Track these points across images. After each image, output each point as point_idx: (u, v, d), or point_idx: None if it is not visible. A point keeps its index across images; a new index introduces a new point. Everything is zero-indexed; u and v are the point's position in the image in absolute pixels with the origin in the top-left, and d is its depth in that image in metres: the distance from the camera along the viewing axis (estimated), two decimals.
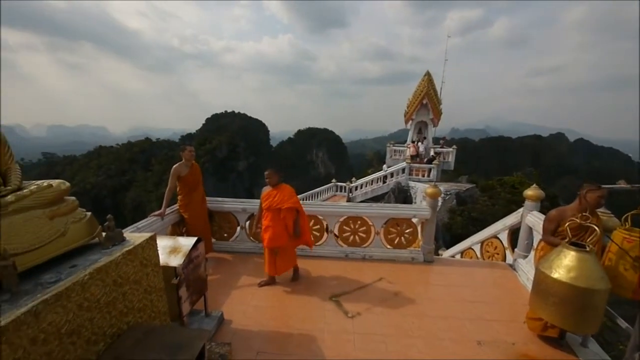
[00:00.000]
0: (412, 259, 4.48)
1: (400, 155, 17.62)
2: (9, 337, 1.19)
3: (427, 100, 16.47)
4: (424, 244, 4.51)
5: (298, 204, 3.55)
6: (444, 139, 18.49)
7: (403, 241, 4.57)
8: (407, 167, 14.09)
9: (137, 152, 68.12)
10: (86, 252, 1.79)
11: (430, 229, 4.46)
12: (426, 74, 16.77)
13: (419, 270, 4.27)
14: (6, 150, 1.57)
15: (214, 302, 3.21)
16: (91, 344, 1.58)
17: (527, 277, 3.81)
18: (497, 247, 5.01)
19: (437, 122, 17.57)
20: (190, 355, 1.61)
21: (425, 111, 17.00)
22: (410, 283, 3.88)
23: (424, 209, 4.39)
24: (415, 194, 13.17)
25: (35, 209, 1.55)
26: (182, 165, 4.00)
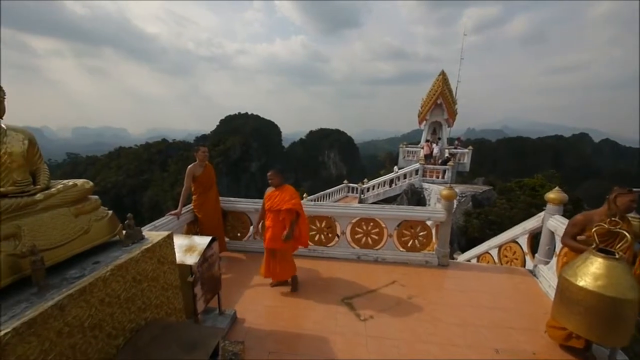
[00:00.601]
0: (426, 262, 4.39)
1: (414, 156, 17.33)
2: (37, 329, 1.25)
3: (441, 100, 16.13)
4: (438, 247, 4.41)
5: (298, 205, 3.46)
6: (459, 140, 18.06)
7: (417, 244, 4.48)
8: (420, 168, 13.83)
9: (155, 152, 70.42)
10: (108, 249, 1.85)
11: (445, 232, 4.35)
12: (441, 74, 16.43)
13: (433, 274, 4.17)
14: (35, 151, 1.66)
15: (227, 301, 3.25)
16: (112, 338, 1.64)
17: (549, 284, 3.64)
18: (516, 252, 4.82)
19: (452, 122, 17.17)
20: (205, 353, 1.64)
21: (440, 111, 16.65)
22: (424, 287, 3.79)
23: (439, 212, 4.29)
24: (429, 196, 12.90)
25: (62, 207, 1.63)
26: (196, 165, 4.09)
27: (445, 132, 17.30)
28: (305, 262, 4.37)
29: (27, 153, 1.58)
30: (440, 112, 16.66)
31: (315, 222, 4.61)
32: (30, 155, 1.61)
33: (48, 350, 1.30)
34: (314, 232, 4.64)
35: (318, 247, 4.62)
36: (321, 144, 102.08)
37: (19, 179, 1.54)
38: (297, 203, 3.47)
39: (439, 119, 17.02)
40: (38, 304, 1.31)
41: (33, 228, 1.47)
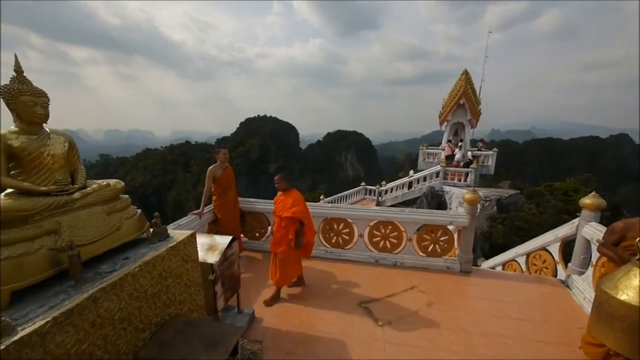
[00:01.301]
0: (448, 268, 4.23)
1: (434, 158, 16.83)
2: (73, 320, 1.34)
3: (464, 101, 15.56)
4: (460, 253, 4.24)
5: (299, 213, 3.28)
6: (482, 141, 17.33)
7: (438, 249, 4.33)
8: (441, 170, 13.40)
9: (179, 154, 73.61)
10: (136, 246, 1.95)
11: (468, 238, 4.17)
12: (463, 73, 15.87)
13: (455, 280, 4.02)
14: (74, 153, 1.78)
15: (245, 300, 3.31)
16: (139, 331, 1.72)
17: (584, 297, 3.39)
18: (547, 260, 4.53)
19: (475, 123, 16.50)
20: (226, 351, 1.67)
21: (462, 112, 16.07)
22: (445, 294, 3.66)
23: (462, 216, 4.13)
24: (451, 200, 12.46)
25: (96, 205, 1.73)
26: (216, 167, 4.21)
27: (468, 133, 16.66)
28: (322, 264, 4.37)
29: (67, 155, 1.70)
30: (463, 112, 16.07)
31: (332, 224, 4.59)
32: (70, 156, 1.73)
33: (82, 339, 1.38)
34: (331, 234, 4.63)
35: (335, 249, 4.60)
36: (338, 145, 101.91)
37: (60, 178, 1.66)
38: (299, 211, 3.30)
39: (461, 119, 16.43)
40: (75, 296, 1.40)
41: (71, 224, 1.58)
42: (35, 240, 1.44)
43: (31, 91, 1.53)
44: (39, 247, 1.44)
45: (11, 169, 1.56)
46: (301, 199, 3.46)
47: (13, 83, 1.51)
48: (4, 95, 1.50)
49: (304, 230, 3.36)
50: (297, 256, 3.54)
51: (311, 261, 4.45)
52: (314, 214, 4.57)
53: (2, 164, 1.47)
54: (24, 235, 1.41)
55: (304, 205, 3.42)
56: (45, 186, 1.56)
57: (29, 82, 1.55)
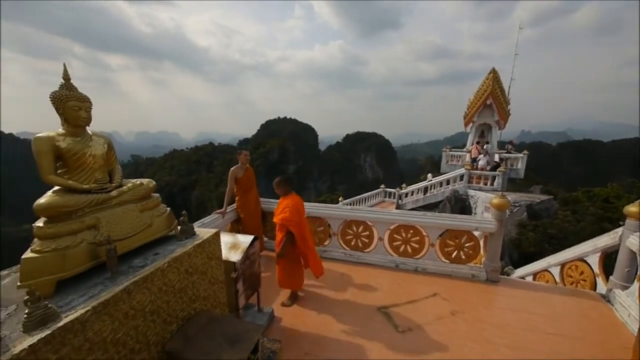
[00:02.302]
0: (473, 276, 4.04)
1: (458, 160, 16.18)
2: (109, 310, 1.43)
3: (491, 100, 14.84)
4: (487, 260, 4.03)
5: (285, 221, 3.06)
6: (511, 143, 16.42)
7: (462, 255, 4.15)
8: (465, 173, 12.86)
9: (202, 155, 76.70)
10: (165, 243, 2.05)
11: (495, 245, 3.96)
12: (491, 72, 15.15)
13: (481, 289, 3.82)
14: (112, 153, 1.91)
15: (265, 299, 3.37)
16: (167, 324, 1.80)
17: (628, 313, 3.09)
18: (584, 272, 4.19)
19: (503, 124, 15.68)
20: (247, 348, 1.71)
21: (490, 112, 15.32)
22: (470, 303, 3.49)
23: (489, 222, 3.93)
24: (476, 204, 11.91)
25: (131, 203, 1.85)
26: (238, 168, 4.32)
27: (496, 135, 15.86)
28: (341, 266, 4.35)
29: (106, 155, 1.83)
30: (490, 113, 15.32)
31: (351, 227, 4.55)
32: (109, 157, 1.86)
33: (117, 329, 1.47)
34: (350, 237, 4.59)
35: (354, 252, 4.55)
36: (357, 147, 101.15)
37: (99, 177, 1.78)
38: (284, 218, 3.08)
39: (488, 120, 15.67)
40: (111, 288, 1.50)
41: (109, 220, 1.70)
42: (78, 234, 1.56)
43: (76, 97, 1.67)
44: (80, 240, 1.56)
45: (58, 168, 1.70)
46: (293, 205, 3.18)
47: (61, 90, 1.65)
48: (54, 101, 1.64)
49: (295, 240, 3.13)
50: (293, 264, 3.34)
51: (330, 263, 4.44)
52: (332, 216, 4.58)
53: (51, 164, 1.60)
54: (68, 229, 1.53)
55: (292, 213, 3.11)
56: (86, 184, 1.69)
57: (75, 88, 1.69)
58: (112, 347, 1.45)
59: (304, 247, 3.23)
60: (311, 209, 4.68)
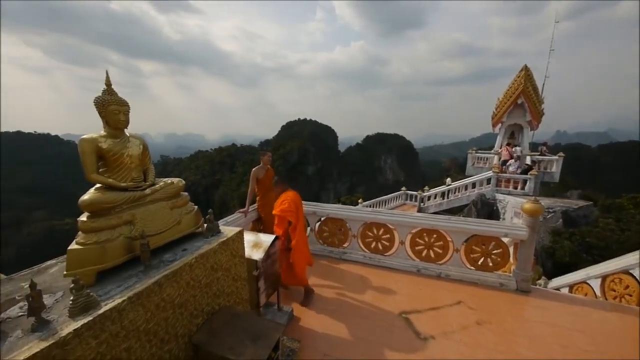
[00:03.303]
0: (501, 285, 3.83)
1: (485, 162, 15.42)
2: (142, 301, 1.52)
3: (523, 100, 13.99)
4: (517, 269, 3.80)
5: (285, 211, 3.27)
6: (545, 145, 15.37)
7: (489, 263, 3.95)
8: (493, 176, 12.21)
9: (225, 156, 79.41)
10: (192, 239, 2.15)
11: (527, 252, 3.73)
12: (523, 69, 14.29)
13: (510, 299, 3.61)
14: (147, 154, 2.03)
15: (285, 298, 3.41)
16: (193, 317, 1.88)
17: None
18: (630, 286, 3.82)
19: (536, 124, 14.72)
20: (268, 345, 1.74)
21: (521, 112, 14.45)
22: (497, 313, 3.31)
23: (519, 228, 3.71)
24: (504, 209, 11.27)
25: (163, 200, 1.96)
26: (259, 168, 4.42)
27: (527, 136, 14.92)
28: (361, 269, 4.30)
29: (142, 155, 1.95)
30: (522, 113, 14.45)
31: (372, 229, 4.49)
32: (143, 157, 1.98)
33: (149, 319, 1.56)
34: (370, 239, 4.54)
35: (374, 255, 4.49)
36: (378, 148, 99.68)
37: (135, 176, 1.91)
38: (283, 209, 3.30)
39: (519, 121, 14.78)
40: (144, 280, 1.59)
41: (143, 217, 1.81)
42: (116, 229, 1.68)
43: (117, 101, 1.80)
44: (118, 235, 1.67)
45: (99, 167, 1.83)
46: (291, 199, 3.42)
47: (104, 95, 1.78)
48: (97, 105, 1.78)
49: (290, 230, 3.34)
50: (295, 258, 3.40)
51: (349, 265, 4.42)
52: (352, 218, 4.55)
53: (94, 163, 1.74)
54: (108, 224, 1.65)
55: (290, 205, 3.35)
56: (124, 183, 1.82)
57: (115, 93, 1.82)
58: (145, 335, 1.54)
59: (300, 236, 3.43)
60: (331, 210, 4.68)
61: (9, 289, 1.58)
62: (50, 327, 1.23)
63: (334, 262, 4.54)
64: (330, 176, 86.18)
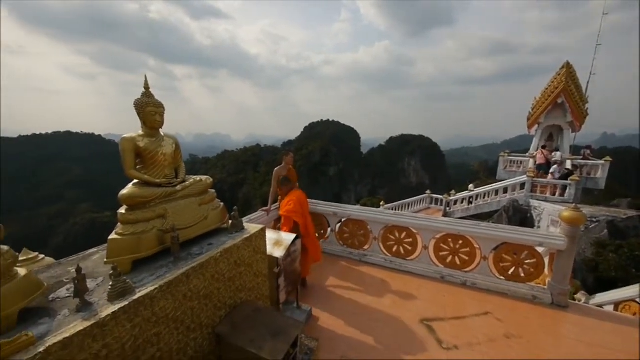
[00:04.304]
0: (534, 297, 3.57)
1: (519, 166, 14.46)
2: (172, 290, 1.62)
3: (564, 99, 12.95)
4: (553, 281, 3.52)
5: (291, 212, 3.44)
6: (589, 148, 14.10)
7: (521, 273, 3.70)
8: (528, 181, 11.41)
9: (250, 155, 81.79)
10: (218, 235, 2.24)
11: (564, 264, 3.44)
12: (564, 66, 13.22)
13: (544, 314, 3.35)
14: (179, 152, 2.16)
15: (303, 297, 3.44)
16: (217, 309, 1.97)
17: None
18: None
19: (578, 126, 13.54)
20: (287, 341, 1.77)
21: (561, 112, 13.38)
22: (529, 327, 3.09)
23: (557, 237, 3.44)
24: (539, 217, 10.49)
25: (192, 197, 2.07)
26: (281, 168, 4.50)
27: (568, 138, 13.76)
28: (381, 272, 4.22)
29: (174, 154, 2.08)
30: (562, 113, 13.36)
31: (394, 232, 4.40)
32: (176, 155, 2.11)
33: (177, 307, 1.66)
34: (391, 243, 4.44)
35: (396, 258, 4.39)
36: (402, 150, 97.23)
37: (168, 173, 2.04)
38: (289, 210, 3.47)
39: (558, 122, 13.68)
40: (174, 271, 1.69)
41: (174, 211, 1.92)
42: (150, 222, 1.80)
43: (153, 103, 1.93)
44: (152, 227, 1.80)
45: (137, 164, 1.98)
46: (296, 199, 3.59)
47: (142, 97, 1.93)
48: (136, 107, 1.92)
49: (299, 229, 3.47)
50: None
51: (369, 268, 4.36)
52: (373, 220, 4.48)
53: (133, 160, 1.88)
54: (144, 217, 1.77)
55: (296, 205, 3.53)
56: (158, 179, 1.94)
57: (152, 96, 1.96)
58: (173, 323, 1.64)
59: (306, 236, 3.56)
60: (352, 211, 4.65)
61: (58, 272, 1.76)
62: (92, 309, 1.35)
63: (353, 264, 4.50)
64: (351, 177, 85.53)
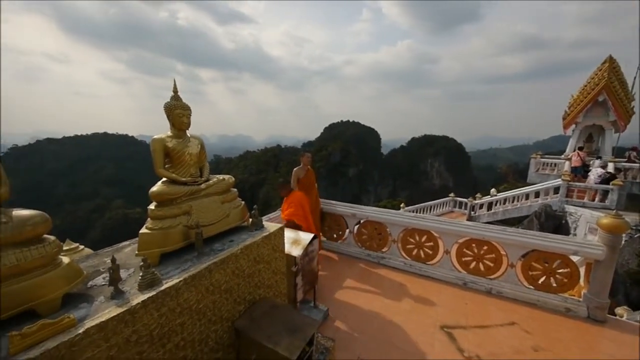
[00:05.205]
0: (567, 310, 3.33)
1: (553, 169, 13.53)
2: (195, 283, 1.70)
3: (605, 96, 11.95)
4: (590, 294, 3.26)
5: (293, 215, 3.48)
6: (635, 150, 12.88)
7: (552, 283, 3.47)
8: (563, 185, 10.63)
9: (271, 156, 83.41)
10: (239, 232, 2.32)
11: (603, 276, 3.18)
12: (606, 60, 12.20)
13: (578, 328, 3.12)
14: (203, 152, 2.27)
15: (320, 297, 3.46)
16: (236, 304, 2.04)
17: None
18: None
19: (623, 126, 12.42)
20: (304, 339, 1.80)
21: (602, 111, 12.36)
22: (560, 341, 2.89)
23: (594, 246, 3.18)
24: (576, 224, 9.73)
25: (215, 195, 2.16)
26: (300, 169, 4.57)
27: (611, 139, 12.67)
28: (400, 276, 4.14)
29: (199, 154, 2.19)
30: (603, 112, 12.34)
31: (414, 236, 4.30)
32: (201, 155, 2.22)
33: (200, 300, 1.74)
34: (411, 246, 4.34)
35: (415, 262, 4.28)
36: (424, 151, 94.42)
37: (193, 172, 2.15)
38: (291, 213, 3.52)
39: (599, 121, 12.65)
40: (197, 265, 1.78)
41: (198, 208, 2.02)
42: (177, 218, 1.91)
43: (181, 106, 2.05)
44: (178, 223, 1.90)
45: (165, 164, 2.10)
46: (297, 200, 3.65)
47: (171, 100, 2.05)
48: (165, 109, 2.05)
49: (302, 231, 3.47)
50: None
51: (387, 271, 4.29)
52: (393, 222, 4.41)
53: (162, 160, 2.00)
54: (171, 213, 1.88)
55: (297, 208, 3.60)
56: (184, 178, 2.06)
57: (180, 99, 2.08)
58: (195, 314, 1.72)
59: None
60: (370, 213, 4.60)
61: (95, 262, 1.91)
62: (124, 297, 1.46)
63: (371, 266, 4.45)
64: (371, 179, 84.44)
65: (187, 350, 1.68)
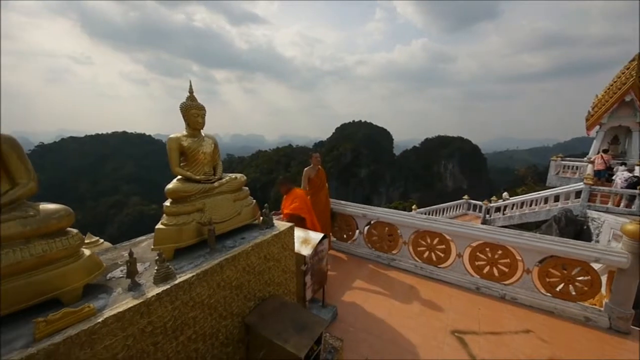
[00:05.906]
0: (587, 319, 3.19)
1: (574, 172, 12.95)
2: (207, 279, 1.75)
3: (633, 96, 11.34)
4: (612, 303, 3.11)
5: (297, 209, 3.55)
6: None
7: (571, 291, 3.33)
8: (585, 189, 10.16)
9: (282, 155, 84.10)
10: (250, 230, 2.37)
11: (627, 285, 3.02)
12: (635, 58, 11.57)
13: (598, 338, 2.98)
14: (217, 151, 2.32)
15: (329, 297, 3.46)
16: (247, 300, 2.08)
17: None
18: None
19: None
20: (312, 337, 1.81)
21: (629, 112, 11.74)
22: (579, 352, 2.77)
23: (618, 253, 3.03)
24: (599, 230, 9.27)
25: (228, 193, 2.21)
26: (311, 169, 4.60)
27: (638, 141, 12.01)
28: (410, 278, 4.09)
29: (213, 152, 2.24)
30: (630, 112, 11.71)
31: (425, 238, 4.23)
32: (214, 154, 2.27)
33: (211, 295, 1.79)
34: (422, 248, 4.27)
35: (427, 265, 4.21)
36: (438, 152, 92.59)
37: (207, 170, 2.20)
38: (295, 207, 3.60)
39: (626, 122, 12.01)
40: (209, 261, 1.83)
41: (211, 206, 2.07)
42: (190, 215, 1.96)
43: (196, 106, 2.11)
44: (192, 220, 1.96)
45: (181, 162, 2.17)
46: (300, 196, 3.77)
47: (187, 101, 2.11)
48: (181, 109, 2.11)
49: (306, 225, 3.62)
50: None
51: (397, 273, 4.24)
52: (404, 223, 4.35)
53: (178, 158, 2.07)
54: (185, 210, 1.94)
55: (301, 202, 3.70)
56: (198, 176, 2.11)
57: (196, 99, 2.13)
58: (207, 309, 1.77)
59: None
60: (381, 214, 4.57)
61: (114, 255, 2.00)
62: (140, 289, 1.52)
63: (381, 268, 4.42)
64: (382, 180, 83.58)
65: (198, 344, 1.73)
